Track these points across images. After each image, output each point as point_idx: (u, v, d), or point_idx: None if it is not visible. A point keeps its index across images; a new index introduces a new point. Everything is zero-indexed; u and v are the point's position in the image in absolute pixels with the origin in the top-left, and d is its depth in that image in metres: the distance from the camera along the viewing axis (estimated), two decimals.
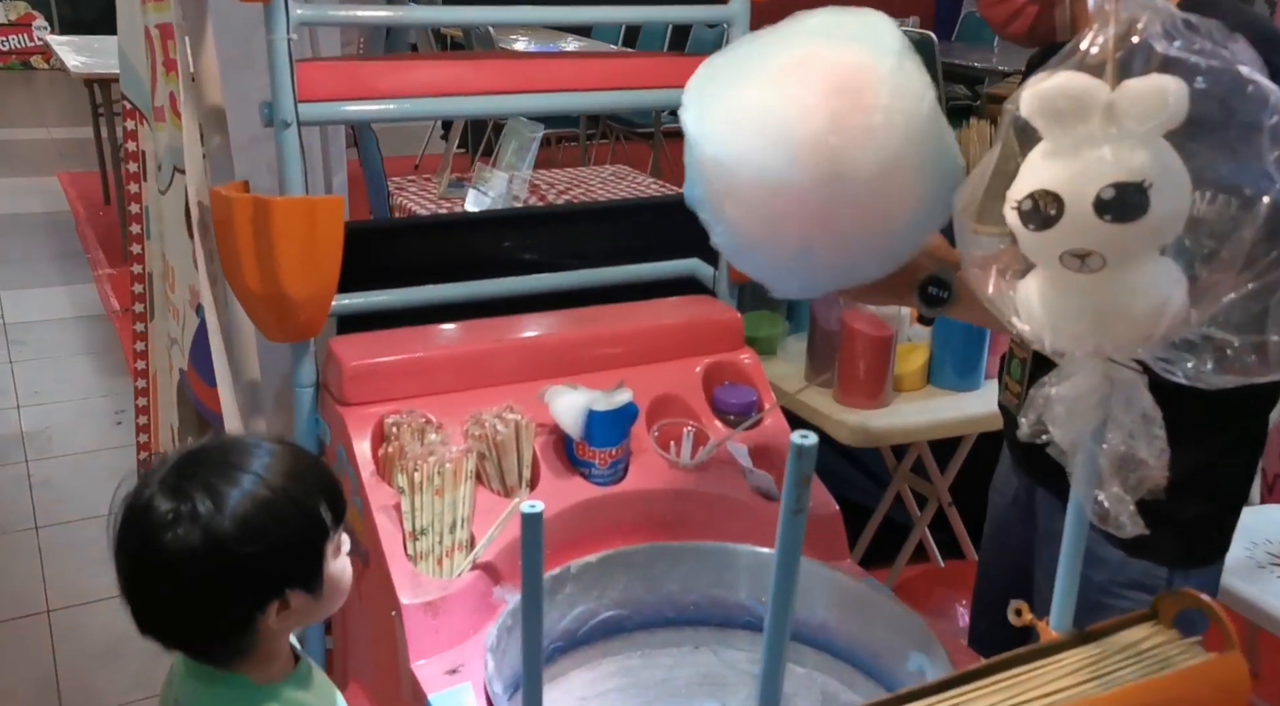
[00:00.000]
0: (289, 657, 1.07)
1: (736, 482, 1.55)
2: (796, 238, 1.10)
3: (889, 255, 1.16)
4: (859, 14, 1.12)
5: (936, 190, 1.08)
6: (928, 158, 1.08)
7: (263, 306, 1.41)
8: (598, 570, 1.47)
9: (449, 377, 1.50)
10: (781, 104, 1.06)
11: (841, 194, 1.05)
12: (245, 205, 1.36)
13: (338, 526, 1.04)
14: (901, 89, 1.05)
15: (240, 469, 0.97)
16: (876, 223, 1.10)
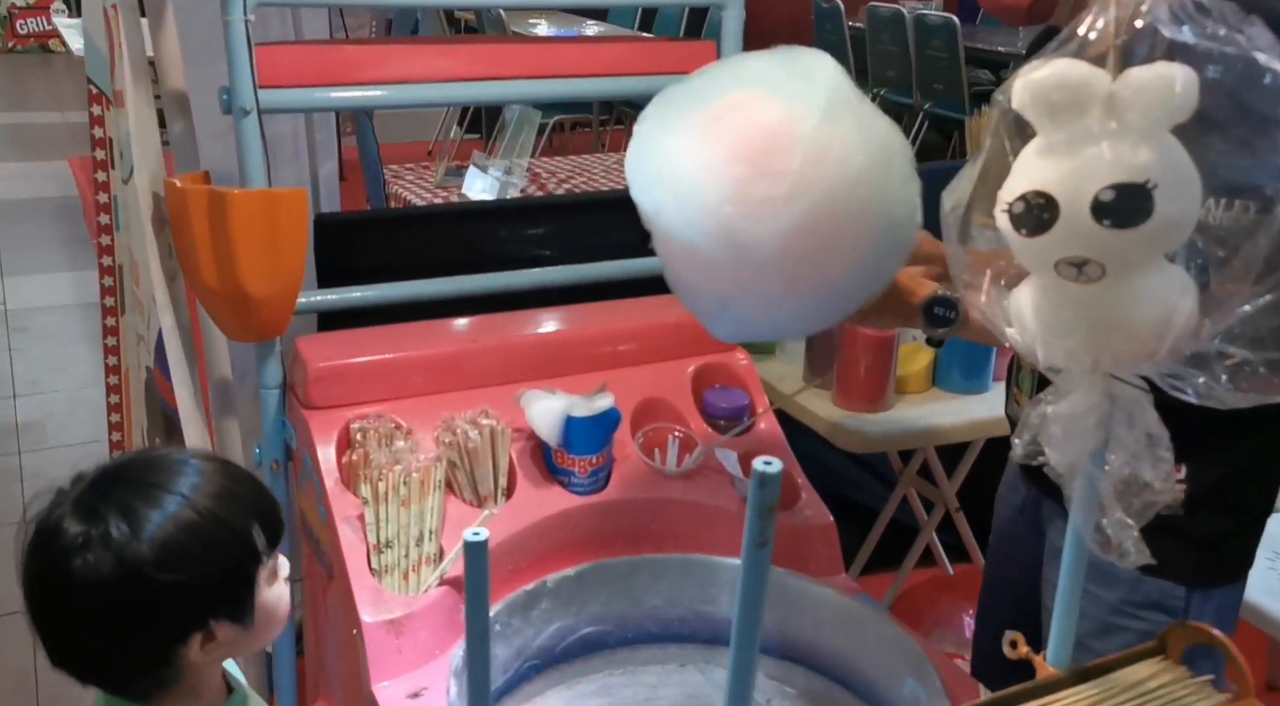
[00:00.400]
0: (220, 689, 1.00)
1: (725, 492, 1.47)
2: (713, 293, 1.07)
3: (821, 314, 1.11)
4: (798, 57, 1.05)
5: (878, 247, 1.04)
6: (860, 217, 1.01)
7: (222, 305, 1.34)
8: (576, 584, 1.39)
9: (420, 380, 1.43)
10: (691, 163, 1.02)
11: (744, 261, 1.01)
12: (200, 197, 1.29)
13: (273, 550, 0.96)
14: (821, 150, 0.98)
15: (163, 488, 0.89)
16: (794, 287, 1.04)
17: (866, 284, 1.08)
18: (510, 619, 1.33)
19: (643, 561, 1.43)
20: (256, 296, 1.32)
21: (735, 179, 0.98)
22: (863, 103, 1.05)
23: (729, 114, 1.02)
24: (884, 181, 1.02)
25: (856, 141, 1.00)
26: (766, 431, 1.55)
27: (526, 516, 1.37)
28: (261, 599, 0.95)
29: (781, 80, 1.03)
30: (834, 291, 1.06)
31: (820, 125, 0.98)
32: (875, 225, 1.02)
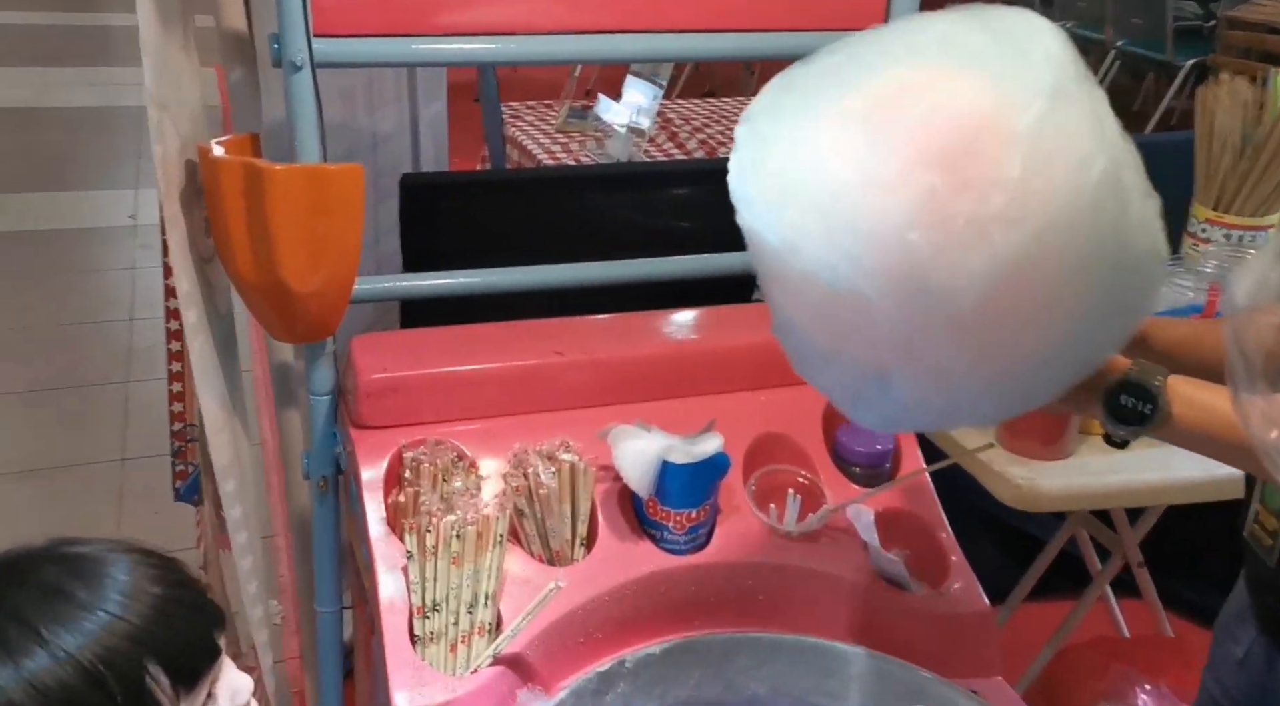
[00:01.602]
0: None
1: (854, 560, 1.18)
2: (867, 360, 0.76)
3: (1018, 397, 0.79)
4: (1002, 18, 0.75)
5: (1113, 294, 0.74)
6: (1088, 255, 0.71)
7: (260, 299, 1.12)
8: (661, 664, 1.14)
9: (491, 399, 1.18)
10: (850, 172, 0.71)
11: (932, 315, 0.71)
12: (234, 171, 1.05)
13: (197, 685, 0.71)
14: (1047, 155, 0.69)
15: (29, 630, 0.64)
16: (993, 355, 0.73)
17: (1091, 352, 0.78)
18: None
19: (745, 640, 1.16)
20: (298, 291, 1.09)
21: (926, 192, 0.69)
22: (1092, 85, 0.73)
23: (904, 99, 0.72)
24: (1122, 199, 0.71)
25: (1091, 142, 0.70)
26: (916, 486, 1.24)
27: (606, 577, 1.12)
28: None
29: (982, 51, 0.72)
30: (1053, 359, 0.75)
31: (1045, 118, 0.69)
32: (1112, 262, 0.72)
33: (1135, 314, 0.79)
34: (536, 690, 1.07)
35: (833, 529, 1.20)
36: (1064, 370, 0.77)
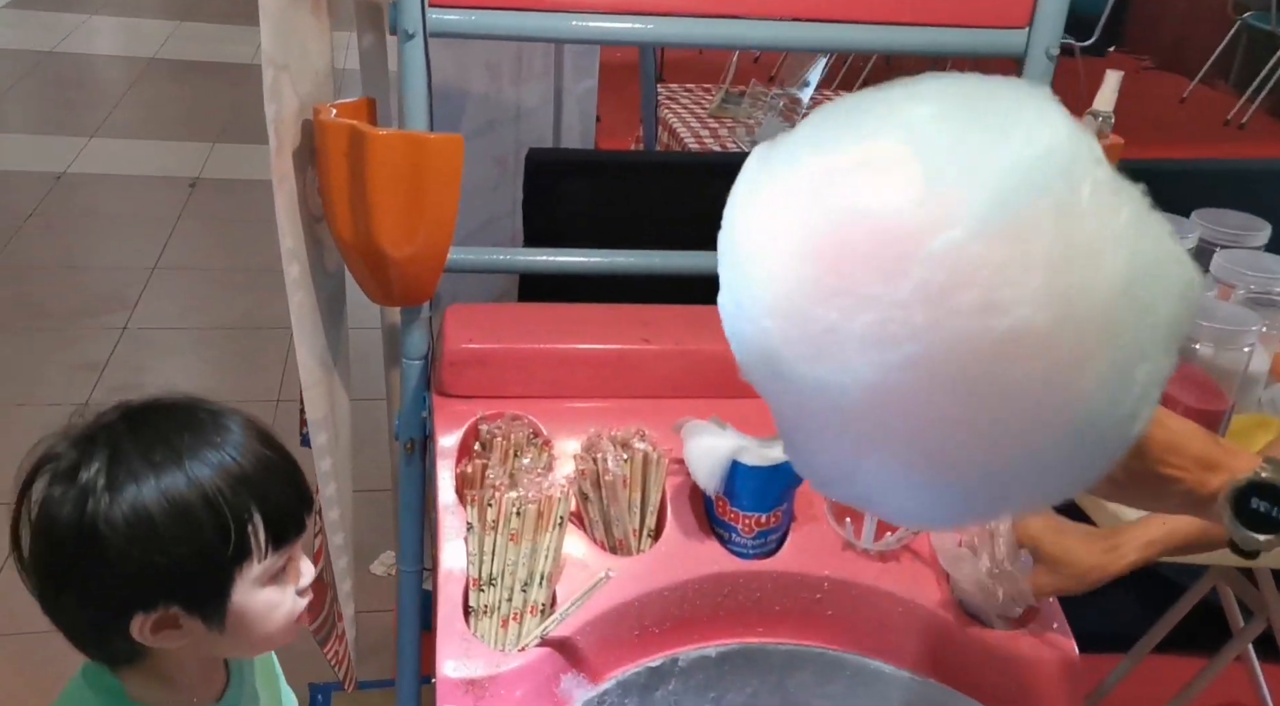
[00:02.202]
0: (209, 680, 0.87)
1: (933, 587, 1.11)
2: (837, 445, 0.66)
3: (972, 506, 0.68)
4: (1005, 99, 0.63)
5: (1040, 456, 0.62)
6: (991, 407, 0.61)
7: (358, 261, 1.14)
8: (716, 667, 1.11)
9: (573, 379, 1.17)
10: (755, 236, 0.65)
11: (797, 403, 0.65)
12: (340, 133, 1.08)
13: (280, 549, 0.80)
14: (948, 286, 0.59)
15: (171, 448, 0.76)
16: (884, 462, 0.64)
17: (1039, 482, 0.66)
18: (624, 700, 1.07)
19: (809, 654, 1.12)
20: (393, 256, 1.11)
21: (794, 283, 0.62)
22: (1119, 196, 0.61)
23: (831, 180, 0.63)
24: (1059, 356, 0.59)
25: (1024, 282, 0.58)
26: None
27: (667, 572, 1.10)
28: (242, 602, 0.79)
29: (946, 140, 0.61)
30: (981, 479, 0.64)
31: (962, 244, 0.58)
32: (1041, 424, 0.61)
33: (1092, 471, 0.66)
34: (582, 677, 1.06)
35: (913, 551, 1.13)
36: (1012, 492, 0.66)
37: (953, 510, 0.68)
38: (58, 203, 3.76)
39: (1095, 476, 0.66)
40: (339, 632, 1.45)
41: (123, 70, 5.21)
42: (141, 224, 3.67)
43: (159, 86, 5.03)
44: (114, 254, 3.49)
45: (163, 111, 4.74)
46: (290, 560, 0.83)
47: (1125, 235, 0.60)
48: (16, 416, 2.59)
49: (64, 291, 3.21)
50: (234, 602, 0.79)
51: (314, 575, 0.85)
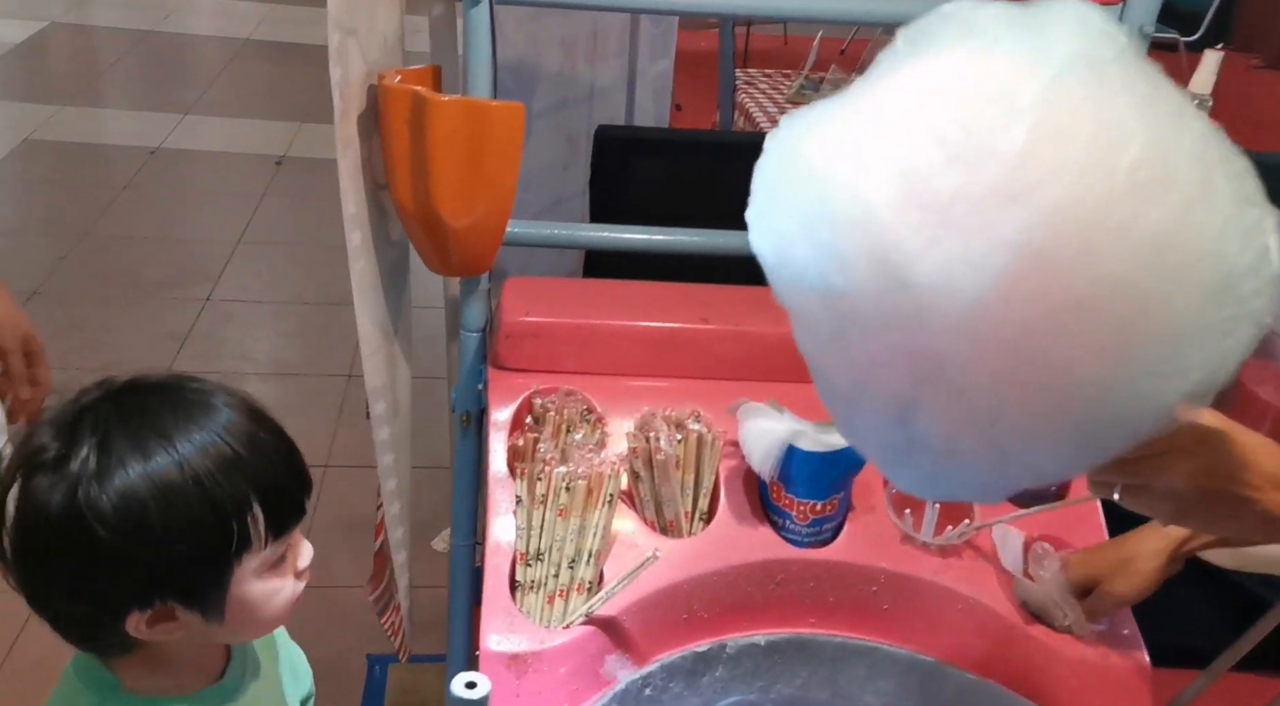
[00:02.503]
0: (205, 667, 0.83)
1: (995, 586, 1.07)
2: (882, 392, 0.63)
3: (1079, 443, 0.61)
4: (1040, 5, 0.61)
5: (1178, 319, 0.57)
6: (1131, 253, 0.56)
7: (417, 229, 1.14)
8: (766, 656, 1.08)
9: (629, 357, 1.15)
10: (823, 152, 0.61)
11: (926, 318, 0.59)
12: (402, 99, 1.07)
13: (280, 536, 0.76)
14: (1060, 128, 0.56)
15: (159, 433, 0.71)
16: (1019, 378, 0.58)
17: (1172, 381, 0.59)
18: (669, 683, 1.05)
19: (861, 647, 1.08)
20: (452, 225, 1.10)
21: (906, 168, 0.58)
22: (1147, 69, 0.59)
23: (894, 81, 0.61)
24: (1188, 192, 0.56)
25: (1128, 120, 0.56)
26: (1082, 516, 1.10)
27: (718, 556, 1.07)
28: (241, 592, 0.75)
29: (997, 30, 0.60)
30: (1102, 392, 0.59)
31: (1057, 88, 0.56)
32: (1177, 269, 0.56)
33: (1231, 341, 0.60)
34: (627, 658, 1.04)
35: (975, 547, 1.09)
36: (1137, 406, 0.60)
37: (1061, 455, 0.62)
38: (151, 176, 3.88)
39: (1219, 380, 0.60)
40: (395, 603, 1.46)
41: (218, 50, 5.35)
42: (229, 199, 3.77)
43: (251, 66, 5.15)
44: (202, 227, 3.58)
45: (254, 91, 4.85)
46: (290, 545, 0.79)
47: (1178, 102, 0.59)
48: None
49: (153, 262, 3.30)
50: (233, 594, 0.75)
51: (311, 555, 0.82)
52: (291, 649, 0.99)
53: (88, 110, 4.46)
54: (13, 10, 5.39)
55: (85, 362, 2.76)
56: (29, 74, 4.81)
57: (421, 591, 2.02)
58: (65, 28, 5.38)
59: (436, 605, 1.90)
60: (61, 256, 3.25)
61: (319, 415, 2.68)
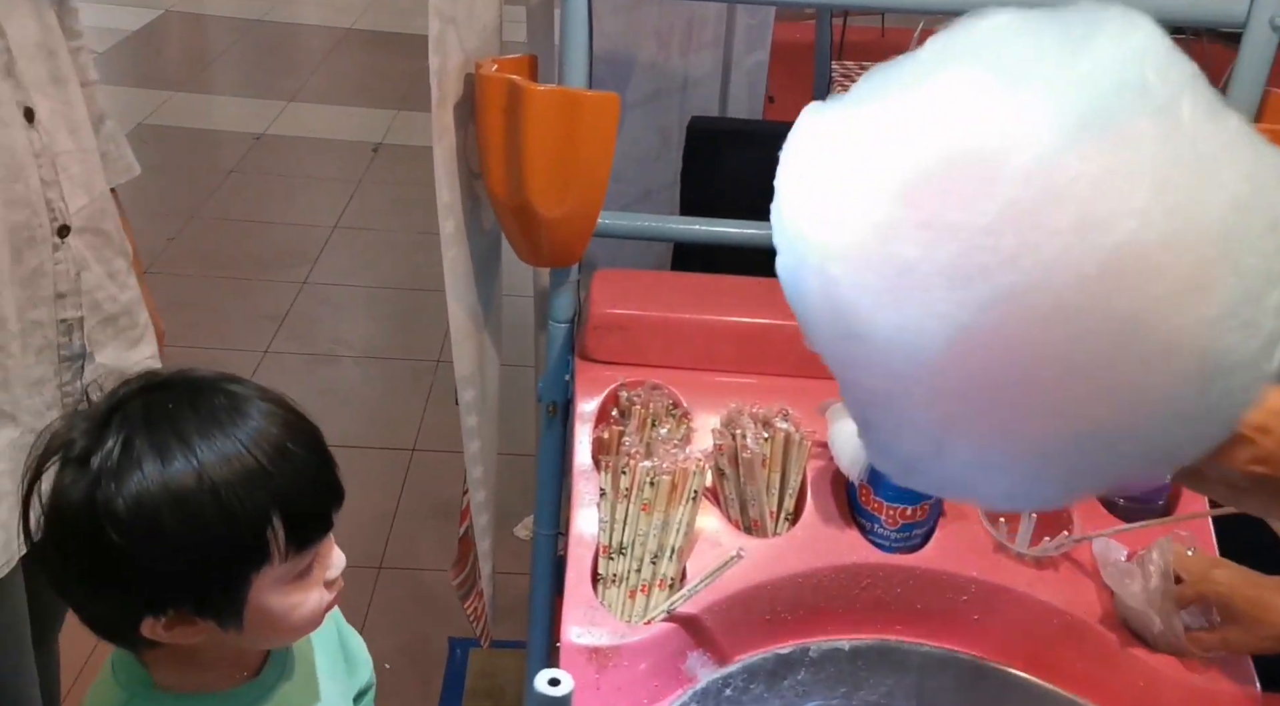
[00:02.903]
0: (244, 663, 0.82)
1: (1094, 601, 1.03)
2: (921, 412, 0.60)
3: (1060, 479, 0.60)
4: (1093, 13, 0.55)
5: (1153, 401, 0.55)
6: (1097, 342, 0.53)
7: (510, 218, 1.14)
8: (850, 661, 1.06)
9: (717, 352, 1.14)
10: (831, 189, 0.59)
11: (866, 362, 0.60)
12: (498, 88, 1.07)
13: (304, 549, 0.74)
14: (1038, 203, 0.52)
15: (180, 438, 0.69)
16: (964, 428, 0.58)
17: (1121, 466, 0.59)
18: (750, 684, 1.03)
19: (950, 658, 1.05)
20: (544, 215, 1.10)
21: (866, 221, 0.57)
22: (1213, 124, 0.53)
23: (908, 106, 0.58)
24: (1191, 286, 0.52)
25: (1131, 194, 0.51)
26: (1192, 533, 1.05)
27: (802, 558, 1.05)
28: (260, 604, 0.73)
29: (1028, 58, 0.55)
30: (1075, 442, 0.57)
31: (1052, 158, 0.52)
32: (1151, 357, 0.53)
33: (1213, 427, 0.58)
34: (708, 657, 1.03)
35: (1074, 561, 1.04)
36: (1126, 453, 0.58)
37: (1057, 480, 0.61)
38: (255, 161, 3.99)
39: (1222, 431, 0.58)
40: (478, 589, 1.47)
41: (322, 39, 5.47)
42: (327, 185, 3.85)
43: (353, 55, 5.25)
44: (300, 212, 3.67)
45: (354, 79, 4.95)
46: (318, 556, 0.77)
47: (1238, 145, 0.53)
48: (205, 359, 2.76)
49: (253, 245, 3.40)
50: (251, 605, 0.73)
51: (343, 565, 0.79)
52: (351, 639, 0.98)
53: (198, 96, 4.61)
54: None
55: (188, 340, 2.85)
56: (145, 61, 5.00)
57: (503, 577, 2.04)
58: (179, 16, 5.56)
59: (517, 591, 1.92)
60: (170, 237, 3.36)
61: (408, 399, 2.72)
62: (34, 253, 0.94)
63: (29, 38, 0.96)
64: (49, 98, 0.98)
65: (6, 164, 0.93)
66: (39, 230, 0.95)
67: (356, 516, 2.46)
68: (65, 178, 0.99)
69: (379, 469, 2.47)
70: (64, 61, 1.01)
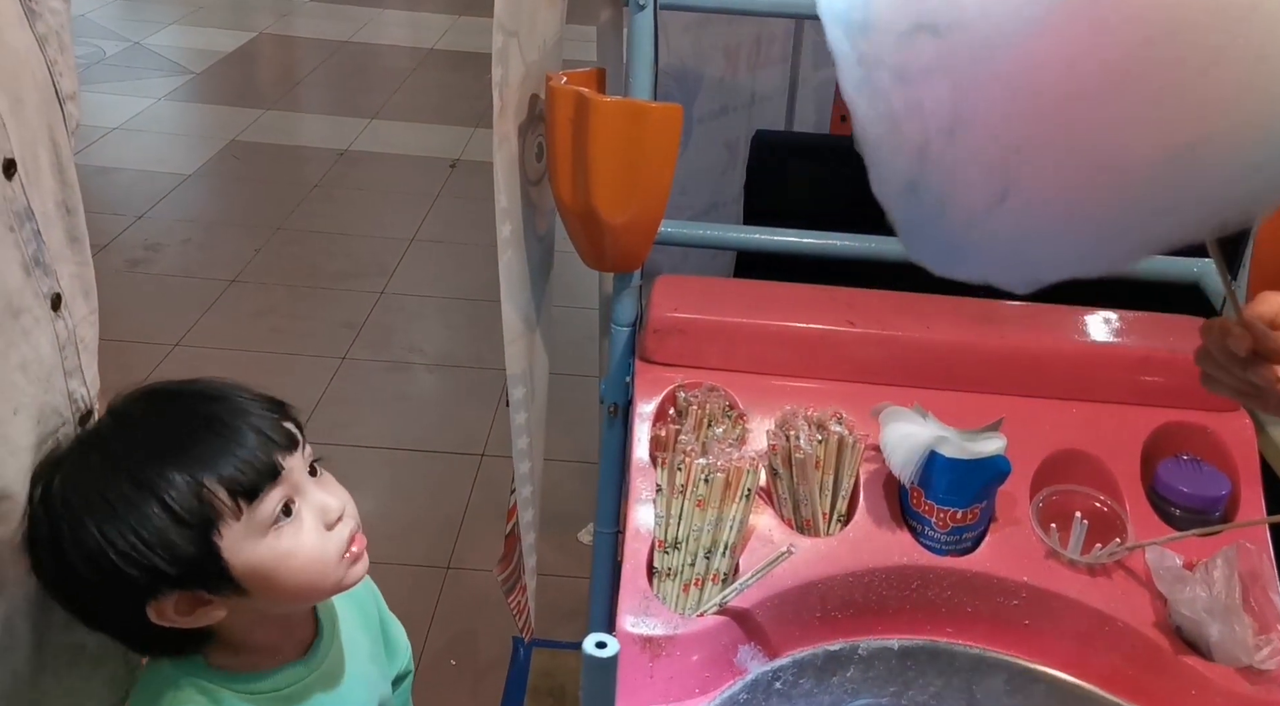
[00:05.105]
0: (291, 642, 0.86)
1: (1147, 608, 1.03)
2: (894, 142, 0.55)
3: (1124, 225, 0.52)
4: None
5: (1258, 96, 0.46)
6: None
7: (575, 225, 1.19)
8: (899, 661, 1.08)
9: (774, 356, 1.16)
10: None
11: (948, 58, 0.51)
12: (567, 99, 1.12)
13: (256, 499, 0.76)
14: None
15: (103, 439, 0.77)
16: (1042, 132, 0.50)
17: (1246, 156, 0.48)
18: (799, 679, 1.06)
19: (1000, 661, 1.06)
20: (608, 222, 1.14)
21: None
22: None
23: None
24: None
25: None
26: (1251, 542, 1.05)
27: (853, 558, 1.07)
28: (245, 562, 0.76)
29: None
30: (1162, 162, 0.48)
31: None
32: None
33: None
34: (759, 650, 1.06)
35: (1127, 568, 1.05)
36: (1203, 185, 0.49)
37: (1125, 230, 0.52)
38: (338, 176, 4.13)
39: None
40: (522, 584, 1.52)
41: (405, 59, 5.64)
42: (406, 199, 3.97)
43: (434, 74, 5.41)
44: (380, 225, 3.79)
45: (434, 97, 5.09)
46: (291, 500, 0.78)
47: None
48: (288, 365, 2.88)
49: (335, 256, 3.52)
50: (235, 565, 0.75)
51: (340, 507, 0.81)
52: (392, 626, 1.02)
53: (287, 114, 4.79)
54: (228, 22, 5.84)
55: (271, 346, 2.97)
56: (238, 80, 5.21)
57: (565, 580, 2.09)
58: (272, 38, 5.78)
59: (579, 595, 1.96)
60: (257, 249, 3.50)
61: (478, 406, 2.79)
62: (53, 441, 0.80)
63: (50, 202, 0.79)
64: (68, 263, 0.81)
65: (36, 377, 0.76)
66: (63, 428, 0.80)
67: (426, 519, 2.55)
68: (84, 351, 0.83)
69: (449, 473, 2.53)
70: (80, 218, 0.84)
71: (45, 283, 0.77)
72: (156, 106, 4.66)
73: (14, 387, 0.73)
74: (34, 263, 0.75)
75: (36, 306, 0.76)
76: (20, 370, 0.74)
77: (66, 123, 0.81)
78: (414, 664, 1.08)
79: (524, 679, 1.94)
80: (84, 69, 4.91)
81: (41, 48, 0.78)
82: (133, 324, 2.96)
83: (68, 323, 0.80)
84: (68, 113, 0.82)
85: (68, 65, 0.82)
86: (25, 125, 0.75)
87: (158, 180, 3.93)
